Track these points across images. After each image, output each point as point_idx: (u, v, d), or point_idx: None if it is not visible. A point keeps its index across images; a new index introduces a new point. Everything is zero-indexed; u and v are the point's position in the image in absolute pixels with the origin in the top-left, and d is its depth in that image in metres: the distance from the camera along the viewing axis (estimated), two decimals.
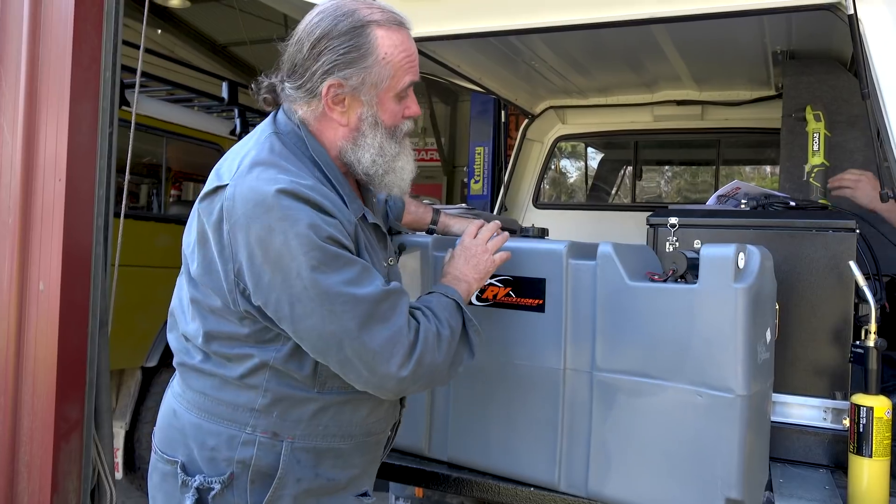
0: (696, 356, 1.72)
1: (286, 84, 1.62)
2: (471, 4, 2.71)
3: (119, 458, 4.52)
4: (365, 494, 1.71)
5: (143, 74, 5.18)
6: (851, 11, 2.05)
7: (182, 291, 1.66)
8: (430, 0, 2.72)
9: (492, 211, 4.85)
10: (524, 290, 1.97)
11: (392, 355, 1.47)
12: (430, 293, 1.70)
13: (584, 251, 1.96)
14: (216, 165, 1.63)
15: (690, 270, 1.79)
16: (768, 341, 1.84)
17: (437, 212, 2.31)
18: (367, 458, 1.72)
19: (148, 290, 4.55)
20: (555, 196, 5.96)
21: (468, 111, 11.58)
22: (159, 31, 11.78)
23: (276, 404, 1.56)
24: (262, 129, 1.64)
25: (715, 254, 1.70)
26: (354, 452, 1.67)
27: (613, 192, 5.33)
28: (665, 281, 1.80)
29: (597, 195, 5.42)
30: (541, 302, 1.96)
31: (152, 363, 4.70)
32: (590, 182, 5.45)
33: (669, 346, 1.76)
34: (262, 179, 1.46)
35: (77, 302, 2.70)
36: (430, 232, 2.31)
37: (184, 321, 1.64)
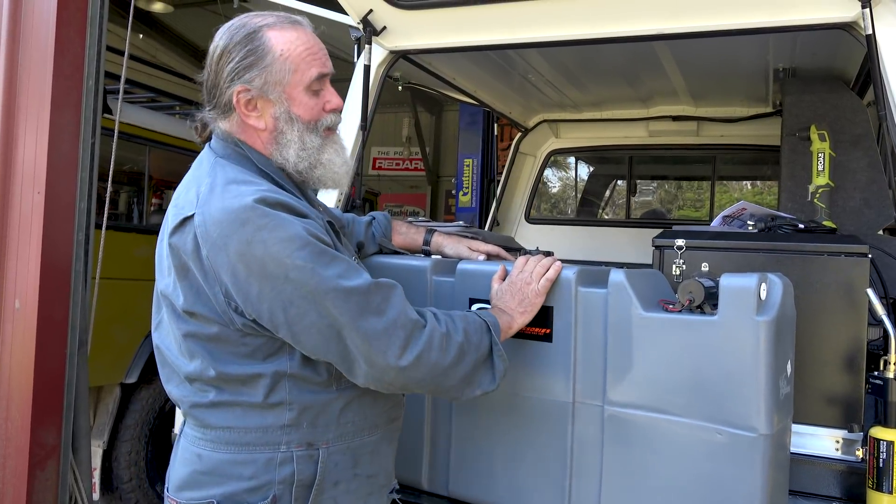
0: (714, 392, 1.63)
1: (207, 108, 1.66)
2: (469, 18, 2.64)
3: (96, 479, 4.36)
4: (395, 490, 1.76)
5: (126, 81, 5.05)
6: (869, 32, 1.99)
7: (169, 338, 1.63)
8: (428, 13, 2.64)
9: (482, 225, 4.76)
10: (534, 316, 1.87)
11: (388, 346, 1.48)
12: (466, 311, 1.72)
13: (594, 278, 1.87)
14: (172, 203, 1.62)
15: (708, 300, 1.71)
16: (789, 374, 1.76)
17: (429, 232, 2.28)
18: (392, 446, 1.75)
19: (127, 304, 4.42)
20: (547, 211, 5.88)
21: (453, 120, 11.53)
22: (141, 36, 11.62)
23: (304, 414, 1.55)
24: (205, 158, 1.65)
25: (736, 285, 1.61)
26: (382, 443, 1.69)
27: (607, 207, 5.27)
28: (681, 311, 1.72)
29: (590, 210, 5.35)
30: (548, 331, 1.86)
31: (132, 379, 4.55)
32: (583, 197, 5.38)
33: (686, 381, 1.67)
34: (227, 198, 1.48)
35: (55, 320, 2.57)
36: (424, 253, 2.25)
37: (183, 365, 1.60)
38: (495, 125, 5.26)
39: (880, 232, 2.97)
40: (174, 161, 5.23)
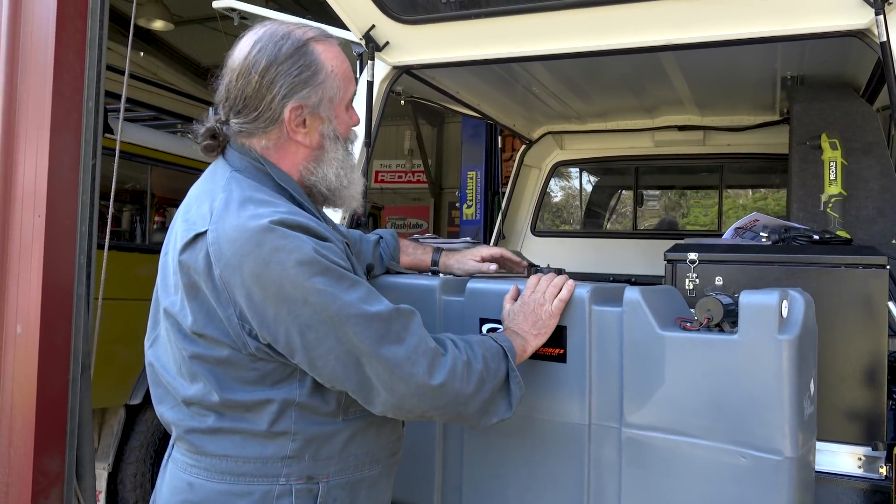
0: (737, 413, 1.58)
1: (235, 120, 1.55)
2: (473, 32, 2.61)
3: (102, 502, 4.30)
4: None
5: (129, 100, 5.04)
6: (884, 38, 1.95)
7: (166, 356, 1.56)
8: (431, 27, 2.60)
9: (487, 238, 4.71)
10: (548, 338, 1.82)
11: (411, 375, 1.43)
12: (481, 335, 1.68)
13: (608, 295, 1.82)
14: (181, 215, 1.55)
15: (726, 317, 1.66)
16: (812, 393, 1.70)
17: (437, 251, 2.23)
18: (390, 481, 1.69)
19: (131, 324, 4.37)
20: (554, 223, 5.83)
21: (454, 132, 11.51)
22: (142, 53, 11.65)
23: (307, 446, 1.49)
24: (220, 171, 1.57)
25: (757, 302, 1.56)
26: (382, 478, 1.64)
27: (613, 219, 5.22)
28: (699, 330, 1.67)
29: (597, 222, 5.31)
30: (562, 351, 1.81)
31: (136, 401, 4.50)
32: (589, 209, 5.34)
33: (706, 402, 1.62)
34: (243, 217, 1.42)
35: (57, 345, 2.52)
36: (433, 273, 2.21)
37: (181, 387, 1.52)
38: (499, 137, 5.21)
39: (895, 241, 2.91)
40: (177, 179, 5.21)
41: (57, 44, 2.50)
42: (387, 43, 2.63)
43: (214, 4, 3.20)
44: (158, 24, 9.82)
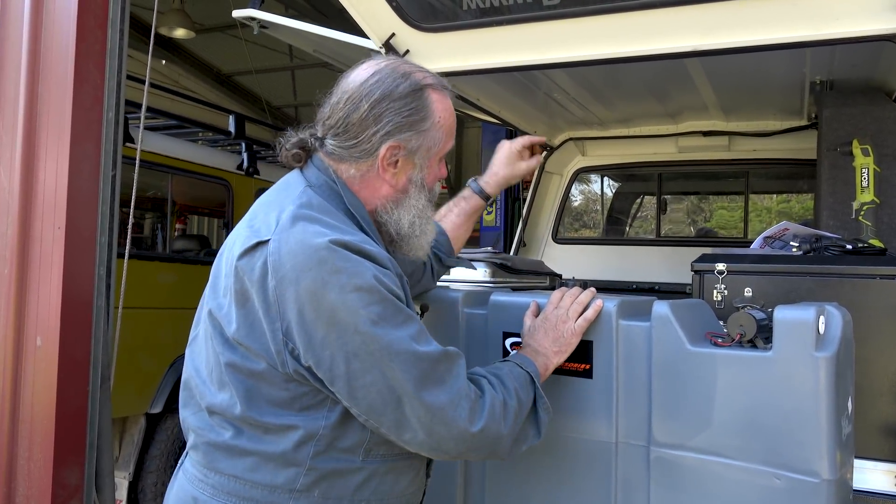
0: (771, 433, 1.52)
1: (330, 141, 1.56)
2: (494, 40, 2.57)
3: None
4: None
5: (149, 109, 5.05)
6: None
7: (200, 358, 1.54)
8: (452, 35, 2.57)
9: (508, 245, 4.66)
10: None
11: (453, 419, 1.40)
12: (504, 361, 1.64)
13: (636, 309, 1.77)
14: (247, 221, 1.53)
15: (759, 332, 1.60)
16: (850, 412, 1.64)
17: (476, 184, 2.23)
18: None
19: (151, 333, 4.38)
20: (575, 230, 5.77)
21: (474, 137, 11.47)
22: (164, 61, 11.74)
23: (320, 482, 1.44)
24: (294, 183, 1.57)
25: (792, 318, 1.50)
26: None
27: (637, 226, 5.15)
28: (731, 346, 1.61)
29: (619, 229, 5.24)
30: (588, 367, 1.76)
31: (157, 409, 4.50)
32: (611, 216, 5.27)
33: (739, 421, 1.56)
34: (308, 233, 1.40)
35: (77, 358, 2.51)
36: (484, 198, 2.24)
37: (208, 393, 1.50)
38: None
39: None
40: (198, 187, 5.21)
41: (77, 55, 2.49)
42: (407, 51, 2.60)
43: (235, 13, 3.18)
44: (180, 33, 9.89)
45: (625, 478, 1.71)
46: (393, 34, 2.55)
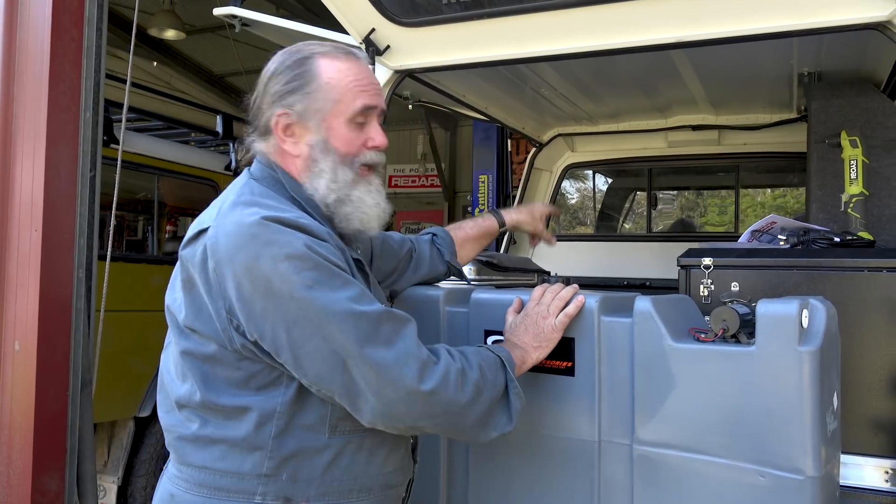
0: (755, 430, 1.49)
1: (248, 129, 1.64)
2: (476, 34, 2.53)
3: None
4: None
5: (136, 110, 5.01)
6: None
7: (169, 357, 1.57)
8: (433, 30, 2.53)
9: (499, 245, 4.63)
10: (551, 351, 1.74)
11: (399, 377, 1.37)
12: (477, 346, 1.61)
13: (618, 305, 1.73)
14: (197, 218, 1.58)
15: (743, 327, 1.57)
16: (836, 408, 1.61)
17: (496, 212, 2.30)
18: None
19: (140, 336, 4.33)
20: (566, 227, 5.73)
21: (468, 136, 11.45)
22: (155, 63, 11.69)
23: (286, 464, 1.44)
24: (239, 178, 1.62)
25: (775, 312, 1.47)
26: None
27: (627, 221, 5.12)
28: (714, 341, 1.58)
29: (610, 225, 5.20)
30: (570, 364, 1.73)
31: (145, 413, 4.46)
32: (602, 212, 5.24)
33: (723, 418, 1.53)
34: (244, 214, 1.43)
35: (56, 361, 2.47)
36: (502, 234, 2.40)
37: (174, 387, 1.52)
38: (508, 141, 5.12)
39: None
40: (187, 188, 5.17)
41: (52, 54, 2.45)
42: (388, 47, 2.56)
43: (216, 11, 3.14)
44: (170, 34, 9.83)
45: (608, 477, 1.68)
46: (373, 29, 2.51)
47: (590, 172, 5.19)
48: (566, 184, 4.74)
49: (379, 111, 1.60)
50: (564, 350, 1.73)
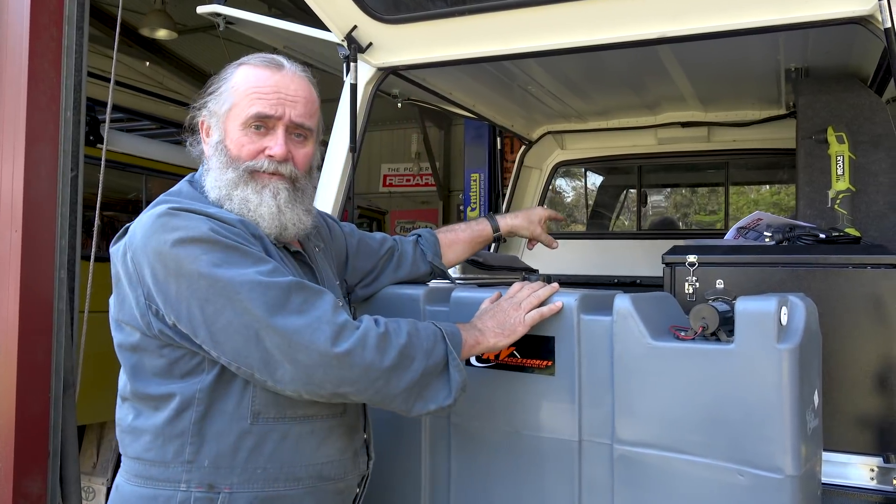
0: (734, 428, 1.47)
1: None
2: (459, 30, 2.51)
3: None
4: None
5: (124, 110, 4.98)
6: (889, 25, 1.83)
7: None
8: (415, 27, 2.51)
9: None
10: (530, 350, 1.73)
11: (311, 342, 1.38)
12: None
13: (598, 304, 1.72)
14: None
15: (723, 325, 1.55)
16: (816, 406, 1.59)
17: (492, 217, 2.31)
18: None
19: None
20: (556, 225, 5.71)
21: (462, 134, 11.44)
22: (147, 63, 11.64)
23: (206, 449, 1.46)
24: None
25: (753, 309, 1.46)
26: (306, 500, 1.53)
27: (618, 219, 5.10)
28: (694, 339, 1.56)
29: (601, 223, 5.18)
30: (550, 363, 1.71)
31: None
32: (592, 209, 5.22)
33: (702, 416, 1.51)
34: (157, 208, 1.49)
35: (38, 364, 2.46)
36: (496, 240, 2.34)
37: (119, 382, 1.58)
38: (498, 138, 5.10)
39: None
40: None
41: (31, 53, 2.43)
42: (370, 44, 2.54)
43: (199, 9, 3.12)
44: (162, 34, 9.78)
45: (589, 476, 1.66)
46: (355, 26, 2.49)
47: (579, 170, 5.17)
48: (556, 181, 4.72)
49: (285, 122, 1.60)
50: (545, 349, 1.72)
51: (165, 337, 1.45)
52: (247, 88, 1.60)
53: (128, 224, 1.56)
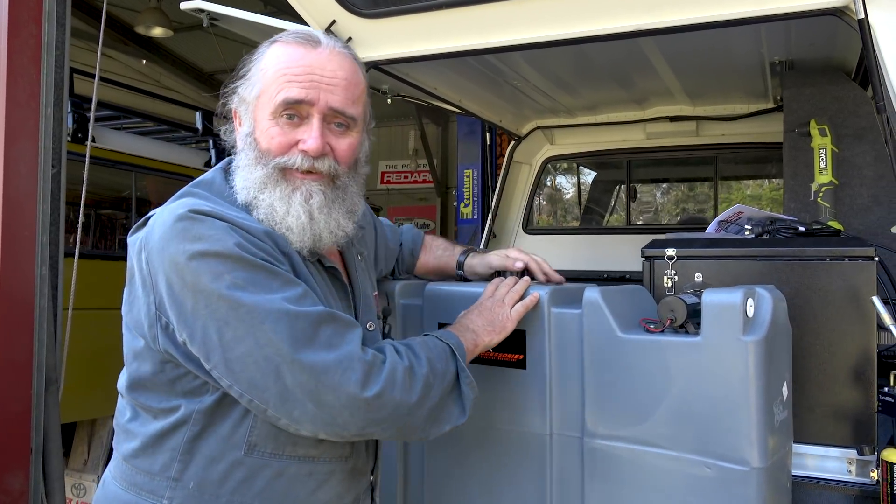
0: (702, 421, 1.47)
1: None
2: (438, 24, 2.49)
3: None
4: None
5: (113, 107, 4.97)
6: (862, 16, 1.82)
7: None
8: (395, 20, 2.50)
9: (480, 238, 4.60)
10: (502, 344, 1.71)
11: (340, 383, 1.25)
12: (423, 335, 1.51)
13: (569, 297, 1.71)
14: None
15: (692, 318, 1.55)
16: (785, 398, 1.59)
17: (465, 252, 2.07)
18: None
19: (119, 334, 4.30)
20: (546, 220, 5.71)
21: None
22: (144, 61, 11.65)
23: (193, 471, 1.36)
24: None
25: (719, 301, 1.45)
26: None
27: (608, 214, 5.09)
28: (662, 332, 1.56)
29: (590, 218, 5.18)
30: (521, 357, 1.71)
31: None
32: (582, 205, 5.21)
33: (670, 409, 1.51)
34: (180, 205, 1.33)
35: (18, 361, 2.45)
36: (458, 278, 2.06)
37: (121, 373, 1.49)
38: (487, 134, 5.09)
39: (894, 230, 2.78)
40: (167, 185, 5.14)
41: (9, 49, 2.42)
42: (349, 39, 2.53)
43: (182, 6, 3.11)
44: (158, 31, 9.79)
45: (559, 470, 1.66)
46: (333, 21, 2.48)
47: (569, 165, 5.16)
48: (545, 177, 4.71)
49: (320, 108, 1.40)
50: (516, 343, 1.71)
51: (169, 356, 1.34)
52: (276, 71, 1.40)
53: (150, 213, 1.41)
